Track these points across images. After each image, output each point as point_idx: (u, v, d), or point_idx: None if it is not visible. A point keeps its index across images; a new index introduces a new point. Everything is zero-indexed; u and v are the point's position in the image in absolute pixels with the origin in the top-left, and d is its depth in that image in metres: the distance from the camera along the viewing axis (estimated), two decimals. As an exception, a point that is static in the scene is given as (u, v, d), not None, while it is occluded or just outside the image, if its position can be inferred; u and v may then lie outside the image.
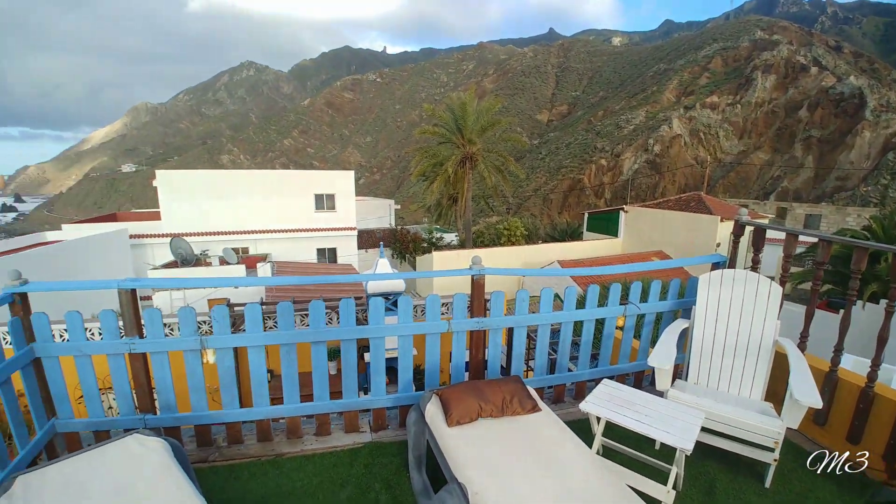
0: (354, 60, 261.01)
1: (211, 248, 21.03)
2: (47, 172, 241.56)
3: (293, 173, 26.92)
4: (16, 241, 19.78)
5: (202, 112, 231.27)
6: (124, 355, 2.89)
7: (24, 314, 2.71)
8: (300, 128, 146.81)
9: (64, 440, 3.06)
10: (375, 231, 30.10)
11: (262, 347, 3.07)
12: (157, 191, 22.06)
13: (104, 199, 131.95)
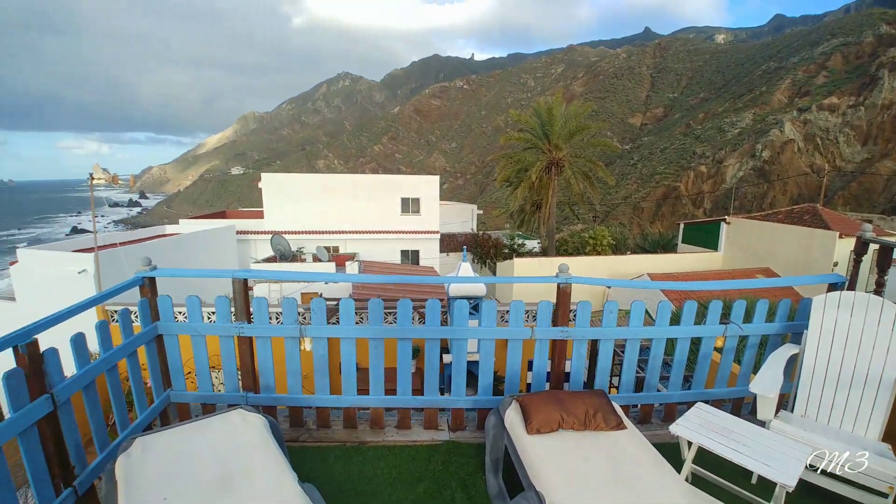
0: (443, 68, 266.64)
1: (306, 246, 22.56)
2: (168, 173, 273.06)
3: (381, 177, 28.04)
4: (140, 232, 22.67)
5: (302, 120, 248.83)
6: (234, 338, 3.21)
7: (151, 296, 3.12)
8: (389, 134, 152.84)
9: (176, 409, 3.46)
10: (457, 235, 30.51)
11: (353, 340, 3.26)
12: (262, 192, 24.12)
13: (215, 198, 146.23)
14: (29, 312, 13.94)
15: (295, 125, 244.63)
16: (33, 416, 2.21)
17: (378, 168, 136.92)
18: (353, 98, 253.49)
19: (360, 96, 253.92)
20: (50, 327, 2.35)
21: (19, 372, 2.16)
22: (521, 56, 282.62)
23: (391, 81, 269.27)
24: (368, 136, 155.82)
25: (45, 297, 16.45)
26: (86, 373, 2.54)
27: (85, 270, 15.72)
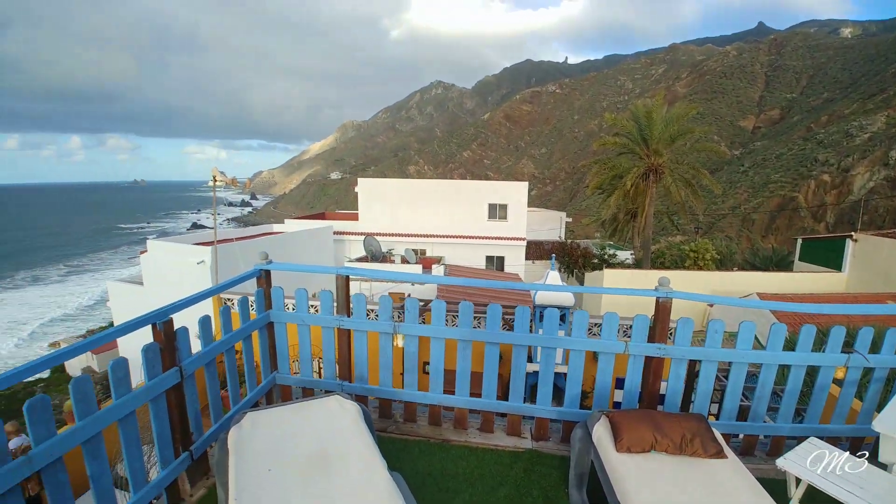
0: (535, 73, 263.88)
1: (395, 248, 23.47)
2: (276, 177, 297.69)
3: (470, 183, 28.34)
4: (251, 229, 25.02)
5: (396, 128, 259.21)
6: (334, 329, 3.45)
7: (266, 287, 3.44)
8: (479, 140, 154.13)
9: (279, 391, 3.78)
10: (544, 243, 29.93)
11: (442, 340, 3.35)
12: (358, 195, 25.49)
13: (315, 201, 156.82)
14: (154, 296, 15.93)
15: (389, 132, 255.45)
16: (164, 385, 2.54)
17: (466, 174, 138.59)
18: (444, 106, 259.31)
19: (452, 104, 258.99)
20: (183, 309, 2.69)
21: (156, 346, 2.49)
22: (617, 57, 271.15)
23: (482, 88, 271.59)
24: (458, 142, 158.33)
25: (167, 283, 18.74)
26: (209, 351, 2.86)
27: (203, 261, 17.62)
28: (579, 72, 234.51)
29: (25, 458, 1.91)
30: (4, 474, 1.82)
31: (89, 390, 2.14)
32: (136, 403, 2.36)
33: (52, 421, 2.00)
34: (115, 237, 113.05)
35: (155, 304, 8.98)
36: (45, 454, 1.96)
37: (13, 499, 1.88)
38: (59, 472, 2.05)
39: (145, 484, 2.54)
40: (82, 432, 2.10)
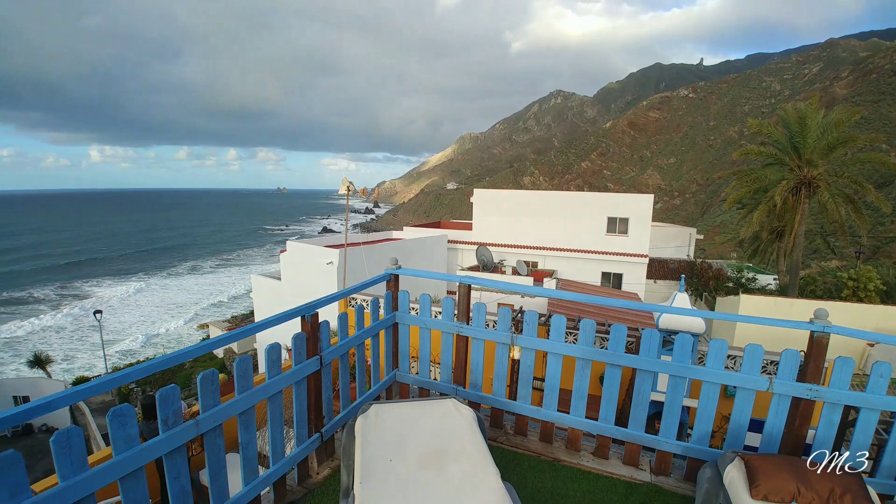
0: (664, 77, 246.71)
1: (507, 258, 23.46)
2: (397, 186, 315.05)
3: (588, 195, 27.27)
4: (373, 235, 26.77)
5: (512, 139, 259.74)
6: (454, 335, 3.57)
7: (394, 290, 3.69)
8: (599, 150, 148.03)
9: (398, 387, 3.99)
10: (669, 261, 27.72)
11: (560, 356, 3.29)
12: (473, 205, 25.99)
13: (432, 210, 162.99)
14: (289, 291, 17.73)
15: (505, 143, 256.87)
16: (306, 371, 2.84)
17: (584, 185, 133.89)
18: (563, 115, 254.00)
19: (571, 113, 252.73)
20: (327, 304, 2.99)
21: (303, 336, 2.81)
22: (762, 56, 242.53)
23: (605, 96, 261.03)
24: (576, 152, 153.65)
25: (300, 280, 20.82)
26: (345, 344, 3.15)
27: (332, 262, 19.29)
28: (716, 74, 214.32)
29: (194, 421, 2.28)
30: (178, 433, 2.18)
31: (249, 368, 2.49)
32: (284, 384, 2.68)
33: (217, 392, 2.36)
34: (261, 237, 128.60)
35: (289, 298, 10.23)
36: (210, 420, 2.32)
37: (179, 455, 2.25)
38: (217, 436, 2.41)
39: (282, 457, 2.87)
40: (240, 404, 2.45)
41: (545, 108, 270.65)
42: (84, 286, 65.50)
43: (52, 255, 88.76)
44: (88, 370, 35.09)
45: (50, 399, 1.78)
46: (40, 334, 45.09)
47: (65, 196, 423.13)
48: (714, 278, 23.60)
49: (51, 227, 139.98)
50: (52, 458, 1.89)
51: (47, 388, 25.92)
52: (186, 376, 31.82)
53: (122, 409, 1.96)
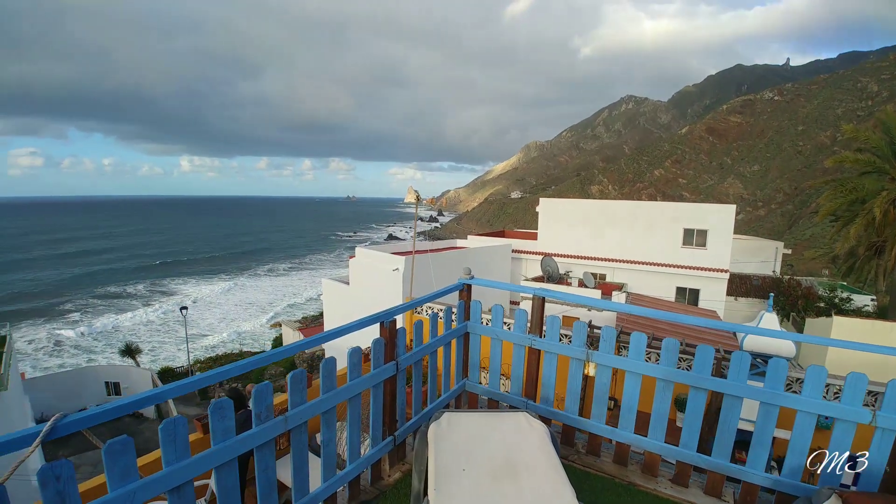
0: (746, 79, 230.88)
1: (573, 270, 22.86)
2: (460, 195, 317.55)
3: (662, 205, 25.96)
4: (438, 243, 27.09)
5: (580, 146, 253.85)
6: (525, 348, 3.53)
7: (467, 299, 3.71)
8: (673, 157, 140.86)
9: (467, 397, 4.00)
10: (752, 277, 25.73)
11: (639, 376, 3.15)
12: (538, 215, 25.63)
13: (495, 219, 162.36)
14: (356, 295, 18.32)
15: (572, 151, 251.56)
16: (384, 375, 2.93)
17: (656, 194, 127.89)
18: (635, 121, 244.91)
19: (644, 118, 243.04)
20: (405, 311, 3.07)
21: (381, 341, 2.90)
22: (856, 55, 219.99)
23: (680, 100, 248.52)
24: (648, 159, 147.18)
25: (367, 285, 21.45)
26: (420, 351, 3.21)
27: (397, 269, 19.73)
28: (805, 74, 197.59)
29: (283, 417, 2.41)
30: (269, 427, 2.32)
31: (333, 370, 2.61)
32: (364, 387, 2.78)
33: (305, 391, 2.48)
34: (331, 242, 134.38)
35: (356, 302, 10.61)
36: (297, 417, 2.45)
37: (269, 448, 2.38)
38: (303, 433, 2.53)
39: (358, 458, 2.96)
40: (324, 404, 2.57)
41: (615, 114, 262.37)
42: (172, 284, 71.62)
43: (145, 255, 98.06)
44: (172, 361, 38.20)
45: (161, 390, 1.97)
46: (131, 326, 49.79)
47: (158, 202, 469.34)
48: (803, 297, 21.60)
49: (146, 230, 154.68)
50: (137, 437, 2.08)
51: (136, 376, 28.54)
52: (259, 371, 33.76)
53: (222, 403, 2.12)
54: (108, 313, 55.24)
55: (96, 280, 72.59)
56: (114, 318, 52.79)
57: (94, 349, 43.38)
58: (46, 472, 1.61)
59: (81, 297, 62.08)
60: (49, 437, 1.69)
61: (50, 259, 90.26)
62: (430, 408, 3.46)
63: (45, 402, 25.25)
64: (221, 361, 36.11)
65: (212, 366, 34.99)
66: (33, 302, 58.50)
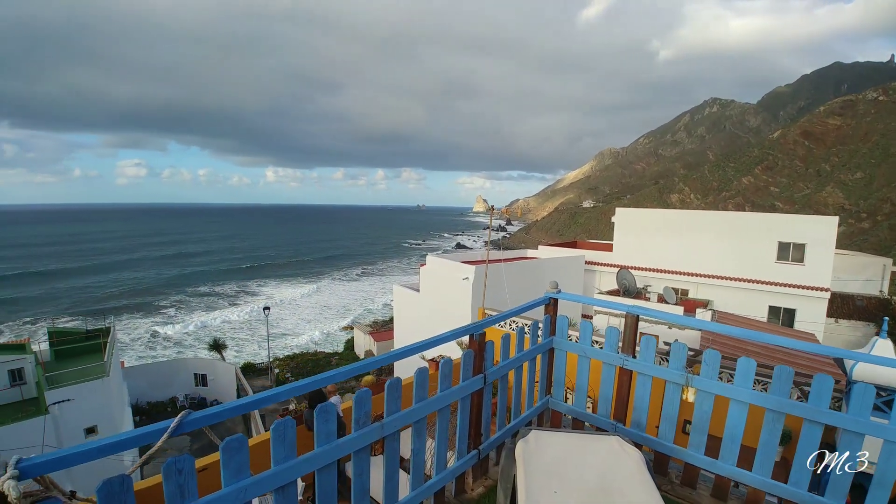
0: (846, 78, 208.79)
1: (652, 284, 21.73)
2: (530, 204, 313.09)
3: (751, 216, 23.99)
4: (507, 252, 26.81)
5: (658, 153, 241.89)
6: (616, 367, 3.38)
7: (553, 314, 3.63)
8: (764, 164, 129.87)
9: (550, 415, 3.89)
10: (856, 297, 23.08)
11: (746, 405, 2.91)
12: (614, 225, 24.67)
13: (565, 228, 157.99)
14: (426, 303, 18.62)
15: (650, 159, 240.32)
16: (472, 388, 2.92)
17: (744, 204, 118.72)
18: (719, 125, 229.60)
19: (730, 122, 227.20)
20: (494, 324, 3.06)
21: (471, 353, 2.90)
22: None
23: (771, 102, 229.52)
24: (735, 166, 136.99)
25: (437, 293, 21.68)
26: (506, 365, 3.18)
27: (467, 278, 19.79)
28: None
29: (379, 424, 2.47)
30: (367, 433, 2.38)
31: (426, 380, 2.64)
32: (453, 398, 2.79)
33: (400, 399, 2.53)
34: (401, 250, 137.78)
35: (426, 309, 10.77)
36: (392, 424, 2.50)
37: (365, 453, 2.45)
38: (395, 440, 2.58)
39: (444, 469, 2.97)
40: (416, 412, 2.60)
41: (698, 118, 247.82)
42: (256, 286, 76.81)
43: (233, 258, 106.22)
44: (253, 357, 40.77)
45: (276, 391, 2.09)
46: (218, 324, 53.86)
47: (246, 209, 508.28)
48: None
49: (235, 236, 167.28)
50: (219, 426, 2.16)
51: (221, 370, 30.80)
52: (333, 373, 35.07)
53: (327, 407, 2.21)
54: (199, 310, 60.53)
55: (190, 280, 79.67)
56: (203, 315, 57.70)
57: (184, 342, 47.57)
58: (171, 465, 1.72)
59: (176, 295, 68.37)
60: (176, 432, 1.80)
61: (150, 260, 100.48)
62: (513, 423, 3.41)
63: (139, 389, 28.06)
64: (298, 360, 38.06)
65: (289, 364, 37.03)
66: (134, 298, 65.34)
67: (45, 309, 58.55)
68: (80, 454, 1.57)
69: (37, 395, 17.55)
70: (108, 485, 1.57)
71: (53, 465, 1.54)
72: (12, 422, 15.69)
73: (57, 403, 16.78)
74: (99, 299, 64.80)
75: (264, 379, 34.55)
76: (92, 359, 20.18)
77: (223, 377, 30.44)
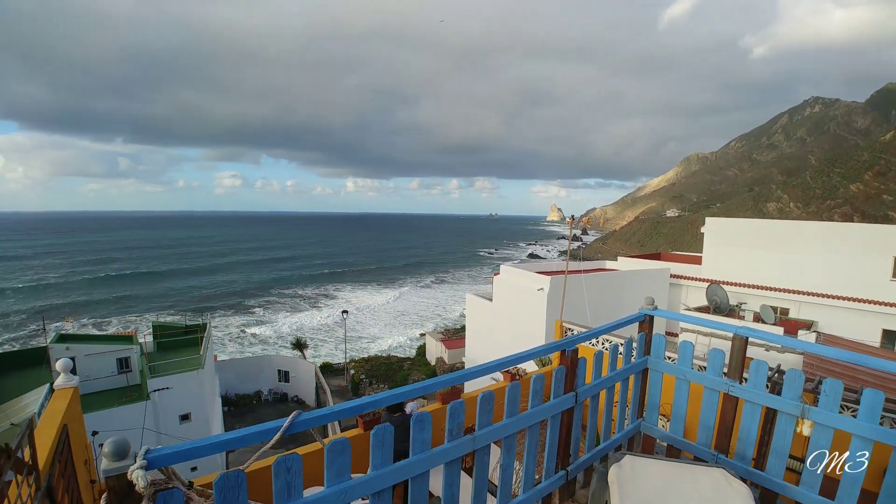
0: None
1: (747, 302, 20.05)
2: (607, 213, 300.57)
3: (862, 227, 21.35)
4: (584, 263, 25.86)
5: (752, 158, 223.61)
6: (720, 393, 3.15)
7: (648, 332, 3.46)
8: (875, 169, 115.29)
9: (641, 440, 3.69)
10: None
11: (870, 442, 2.60)
12: (704, 236, 23.09)
13: (647, 239, 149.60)
14: (498, 312, 18.50)
15: (743, 164, 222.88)
16: (563, 406, 2.86)
17: (853, 213, 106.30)
18: (822, 127, 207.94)
19: (834, 123, 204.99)
20: (587, 340, 2.99)
21: (563, 369, 2.84)
22: None
23: (881, 100, 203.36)
24: (842, 172, 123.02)
25: (510, 303, 21.42)
26: (598, 384, 3.08)
27: (542, 289, 19.39)
28: None
29: (472, 437, 2.48)
30: (459, 445, 2.40)
31: (517, 395, 2.61)
32: (543, 416, 2.74)
33: (492, 413, 2.53)
34: (474, 259, 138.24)
35: (499, 319, 10.71)
36: (484, 438, 2.49)
37: (456, 464, 2.46)
38: (485, 454, 2.57)
39: (531, 488, 2.92)
40: (507, 428, 2.58)
41: (797, 119, 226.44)
42: (335, 290, 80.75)
43: (315, 264, 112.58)
44: (330, 357, 42.75)
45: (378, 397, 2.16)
46: (299, 324, 57.23)
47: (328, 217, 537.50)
48: None
49: (318, 242, 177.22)
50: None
51: (302, 368, 32.60)
52: (405, 375, 35.94)
53: (423, 416, 2.26)
54: (283, 311, 64.88)
55: (276, 283, 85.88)
56: (287, 316, 61.61)
57: (268, 340, 51.02)
58: (280, 463, 1.81)
59: (263, 297, 73.72)
60: (287, 431, 1.91)
61: (243, 264, 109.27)
62: (603, 446, 3.28)
63: (229, 382, 30.36)
64: (372, 363, 39.29)
65: (364, 366, 38.36)
66: (227, 299, 71.43)
67: (150, 305, 65.82)
68: (203, 447, 1.68)
69: (140, 382, 19.25)
70: (225, 479, 1.66)
71: (178, 457, 1.64)
72: (118, 405, 17.37)
73: (157, 391, 18.43)
74: (197, 298, 71.46)
75: (340, 379, 36.03)
76: (189, 352, 21.99)
77: (304, 375, 32.15)
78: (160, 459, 1.60)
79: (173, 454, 1.62)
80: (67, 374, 5.26)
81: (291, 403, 31.40)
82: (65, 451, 3.84)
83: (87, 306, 64.57)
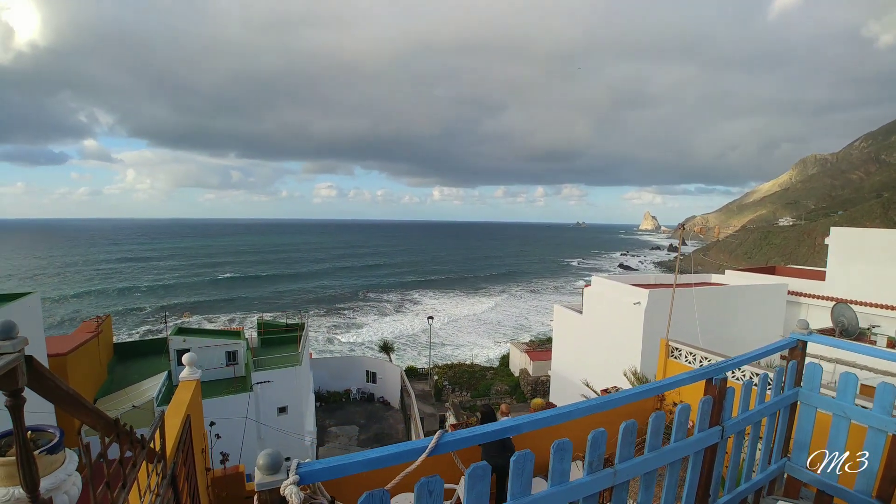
0: None
1: (881, 325, 17.51)
2: (709, 222, 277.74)
3: None
4: (687, 277, 23.71)
5: (881, 159, 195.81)
6: (887, 435, 2.73)
7: (801, 360, 3.08)
8: None
9: (784, 483, 3.28)
10: None
11: None
12: (828, 248, 20.52)
13: (754, 250, 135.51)
14: (588, 325, 17.63)
15: (870, 166, 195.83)
16: (708, 441, 2.62)
17: None
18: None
19: None
20: (736, 367, 2.72)
21: (710, 400, 2.60)
22: None
23: None
24: None
25: (602, 316, 20.40)
26: (746, 418, 2.79)
27: (639, 303, 18.28)
28: None
29: (612, 470, 2.31)
30: (599, 479, 2.22)
31: (661, 426, 2.42)
32: (687, 451, 2.53)
33: (633, 445, 2.38)
34: (559, 269, 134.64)
35: (589, 332, 10.30)
36: (625, 472, 2.30)
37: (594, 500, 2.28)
38: (623, 490, 2.38)
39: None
40: (650, 463, 2.40)
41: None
42: (420, 297, 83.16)
43: (403, 271, 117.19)
44: (413, 362, 43.85)
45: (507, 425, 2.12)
46: (385, 328, 59.65)
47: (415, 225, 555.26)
48: None
49: (406, 250, 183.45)
50: (383, 422, 2.12)
51: (388, 370, 33.74)
52: (487, 385, 35.73)
53: (563, 444, 2.16)
54: (371, 314, 68.33)
55: (364, 287, 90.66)
56: (375, 320, 64.70)
57: (355, 342, 53.33)
58: (423, 485, 1.76)
59: (353, 300, 77.99)
60: (433, 452, 1.90)
61: (336, 269, 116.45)
62: (743, 488, 2.97)
63: (321, 379, 32.18)
64: (455, 370, 39.52)
65: (447, 372, 38.71)
66: (320, 302, 76.68)
67: (254, 305, 72.13)
68: (352, 464, 1.71)
69: (245, 374, 20.65)
70: (370, 498, 1.64)
71: (329, 473, 1.68)
72: (226, 394, 18.74)
73: (259, 384, 19.78)
74: (295, 299, 77.04)
75: (424, 383, 36.62)
76: (289, 349, 23.42)
77: (390, 377, 33.17)
78: (311, 475, 1.63)
79: (324, 470, 1.66)
80: (192, 368, 5.75)
81: (378, 404, 32.57)
82: (187, 441, 4.21)
83: (200, 305, 72.28)
